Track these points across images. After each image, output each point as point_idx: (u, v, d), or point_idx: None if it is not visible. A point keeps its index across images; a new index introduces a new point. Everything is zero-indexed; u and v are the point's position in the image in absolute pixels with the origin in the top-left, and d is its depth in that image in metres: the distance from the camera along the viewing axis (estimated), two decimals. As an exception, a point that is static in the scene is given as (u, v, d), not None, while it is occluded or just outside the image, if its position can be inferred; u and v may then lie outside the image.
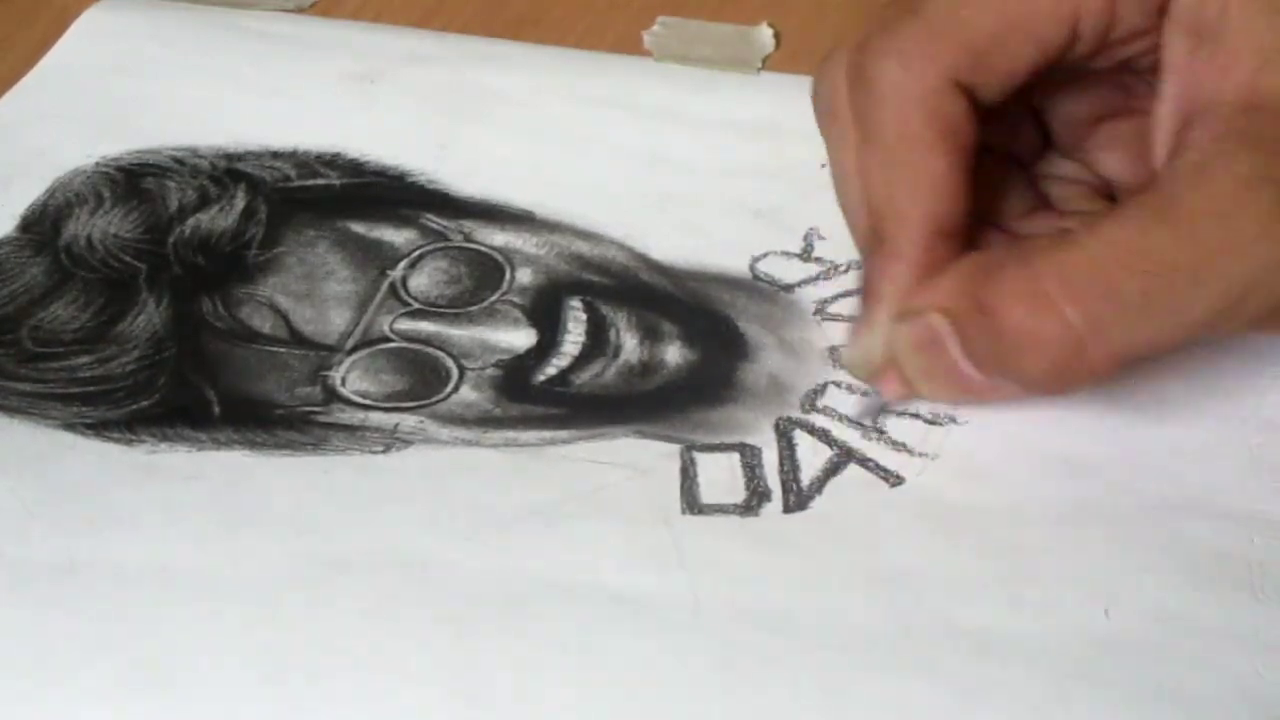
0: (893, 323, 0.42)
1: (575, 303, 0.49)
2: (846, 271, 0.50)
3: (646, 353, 0.47)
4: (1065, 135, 0.47)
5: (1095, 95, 0.46)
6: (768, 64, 0.59)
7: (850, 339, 0.45)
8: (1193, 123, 0.40)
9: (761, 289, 0.50)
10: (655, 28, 0.60)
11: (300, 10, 0.62)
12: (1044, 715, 0.38)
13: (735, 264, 0.51)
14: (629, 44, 0.60)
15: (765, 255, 0.51)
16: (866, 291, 0.44)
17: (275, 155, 0.55)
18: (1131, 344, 0.39)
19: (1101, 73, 0.45)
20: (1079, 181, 0.47)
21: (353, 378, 0.47)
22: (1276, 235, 0.38)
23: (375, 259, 0.51)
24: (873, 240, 0.44)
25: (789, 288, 0.50)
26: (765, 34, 0.60)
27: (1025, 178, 0.47)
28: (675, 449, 0.45)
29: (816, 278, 0.50)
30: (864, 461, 0.44)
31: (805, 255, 0.51)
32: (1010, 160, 0.47)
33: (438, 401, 0.46)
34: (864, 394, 0.45)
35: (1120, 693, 0.38)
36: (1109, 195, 0.47)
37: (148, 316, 0.49)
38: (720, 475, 0.44)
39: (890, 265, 0.43)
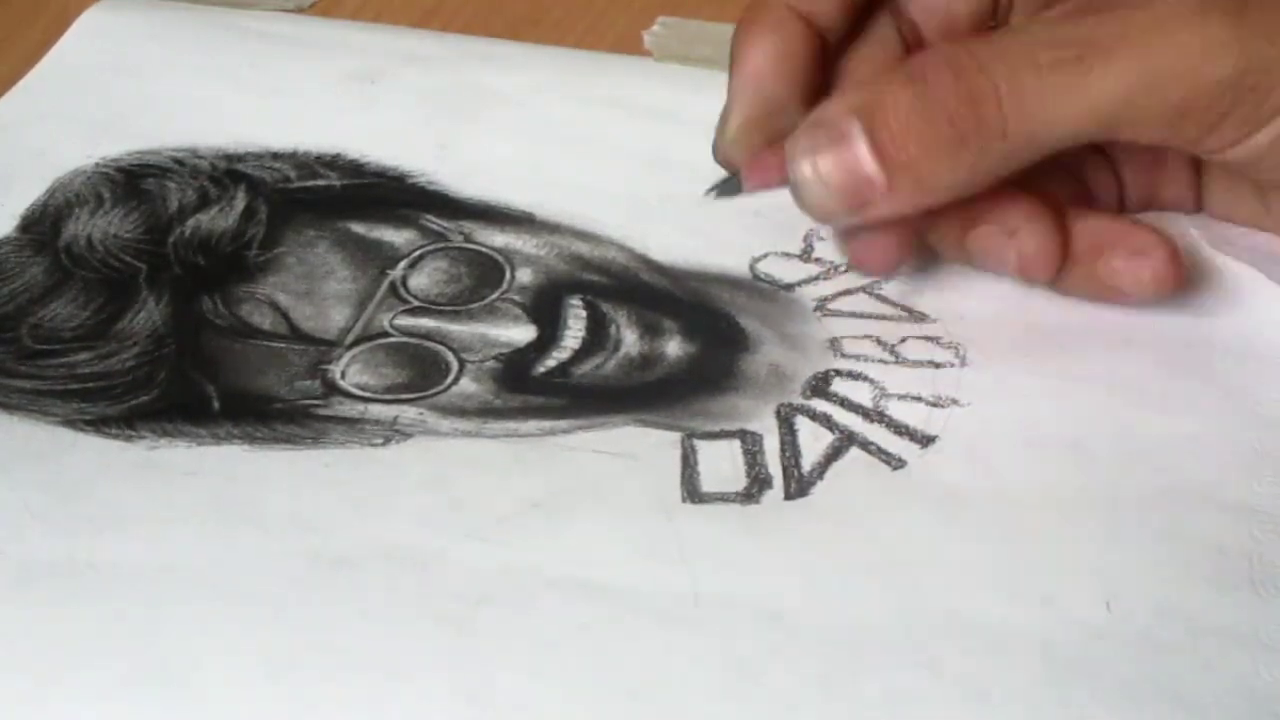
0: (756, 92, 0.46)
1: (575, 301, 0.49)
2: (846, 272, 0.50)
3: (647, 346, 0.48)
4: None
5: None
6: (767, 64, 0.59)
7: (720, 118, 0.47)
8: None
9: (762, 289, 0.50)
10: (655, 28, 0.61)
11: (300, 10, 0.62)
12: (1043, 706, 0.38)
13: (735, 264, 0.51)
14: (629, 44, 0.60)
15: (765, 255, 0.51)
16: (732, 66, 0.47)
17: (275, 156, 0.55)
18: (1044, 110, 0.41)
19: None
20: None
21: (352, 371, 0.47)
22: (1193, 19, 0.40)
23: (375, 259, 0.51)
24: (744, 18, 0.47)
25: (789, 287, 0.50)
26: (765, 34, 0.60)
27: None
28: (676, 437, 0.45)
29: (816, 278, 0.50)
30: (866, 445, 0.44)
31: (805, 255, 0.51)
32: None
33: (438, 393, 0.46)
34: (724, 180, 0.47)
35: (1119, 686, 0.38)
36: None
37: (148, 314, 0.49)
38: (721, 463, 0.44)
39: (758, 39, 0.46)
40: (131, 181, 0.54)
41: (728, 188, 0.47)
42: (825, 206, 0.44)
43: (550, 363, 0.47)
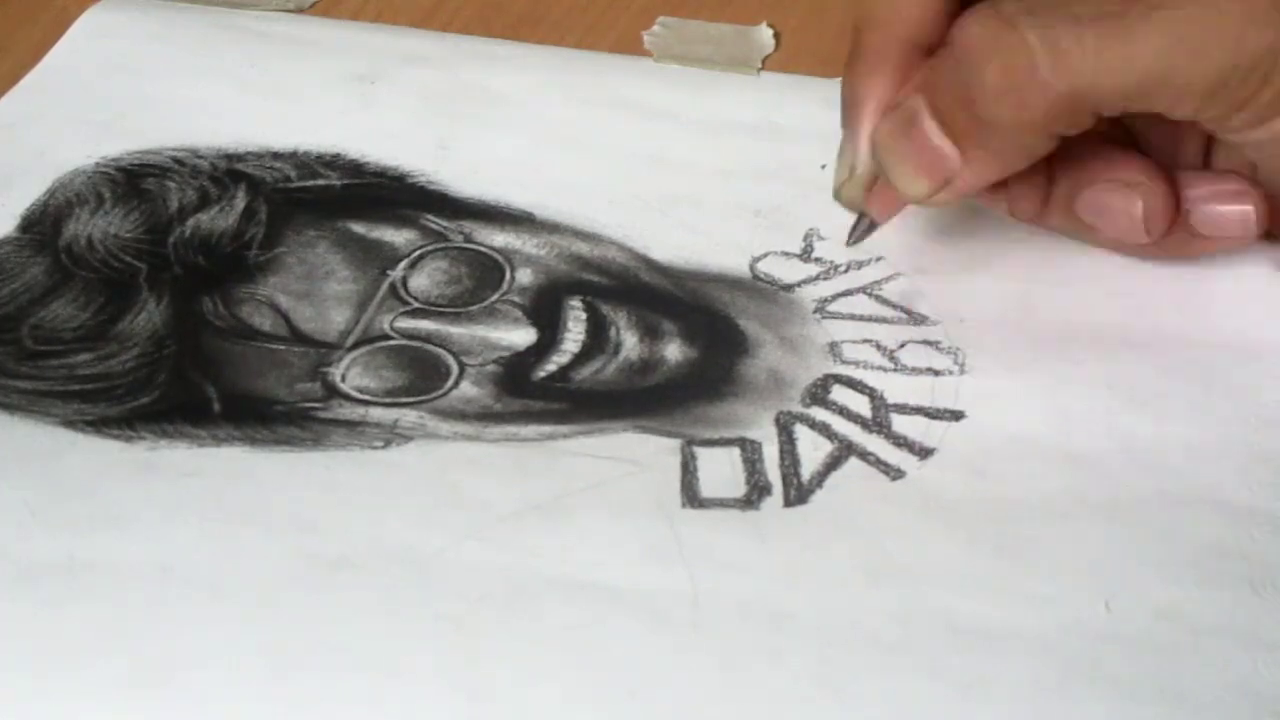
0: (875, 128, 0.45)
1: (575, 302, 0.49)
2: (846, 271, 0.50)
3: (646, 350, 0.48)
4: None
5: None
6: (768, 64, 0.59)
7: (837, 160, 0.47)
8: None
9: (761, 289, 0.50)
10: (655, 28, 0.61)
11: (300, 10, 0.62)
12: (1043, 709, 0.38)
13: (735, 264, 0.51)
14: (629, 44, 0.60)
15: (765, 255, 0.51)
16: (846, 107, 0.46)
17: (275, 156, 0.55)
18: (1084, 67, 0.40)
19: None
20: None
21: (353, 374, 0.47)
22: None
23: (375, 259, 0.51)
24: (852, 56, 0.46)
25: (789, 287, 0.50)
26: (765, 34, 0.60)
27: None
28: (675, 443, 0.45)
29: (816, 278, 0.50)
30: (864, 455, 0.44)
31: (805, 255, 0.51)
32: None
33: (438, 397, 0.46)
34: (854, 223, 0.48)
35: (1120, 687, 0.38)
36: None
37: (148, 315, 0.49)
38: (721, 469, 0.44)
39: (869, 75, 0.45)
40: (131, 181, 0.54)
41: (862, 228, 0.47)
42: (915, 188, 0.44)
43: (550, 367, 0.47)
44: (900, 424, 0.45)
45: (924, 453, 0.44)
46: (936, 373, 0.46)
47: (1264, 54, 0.40)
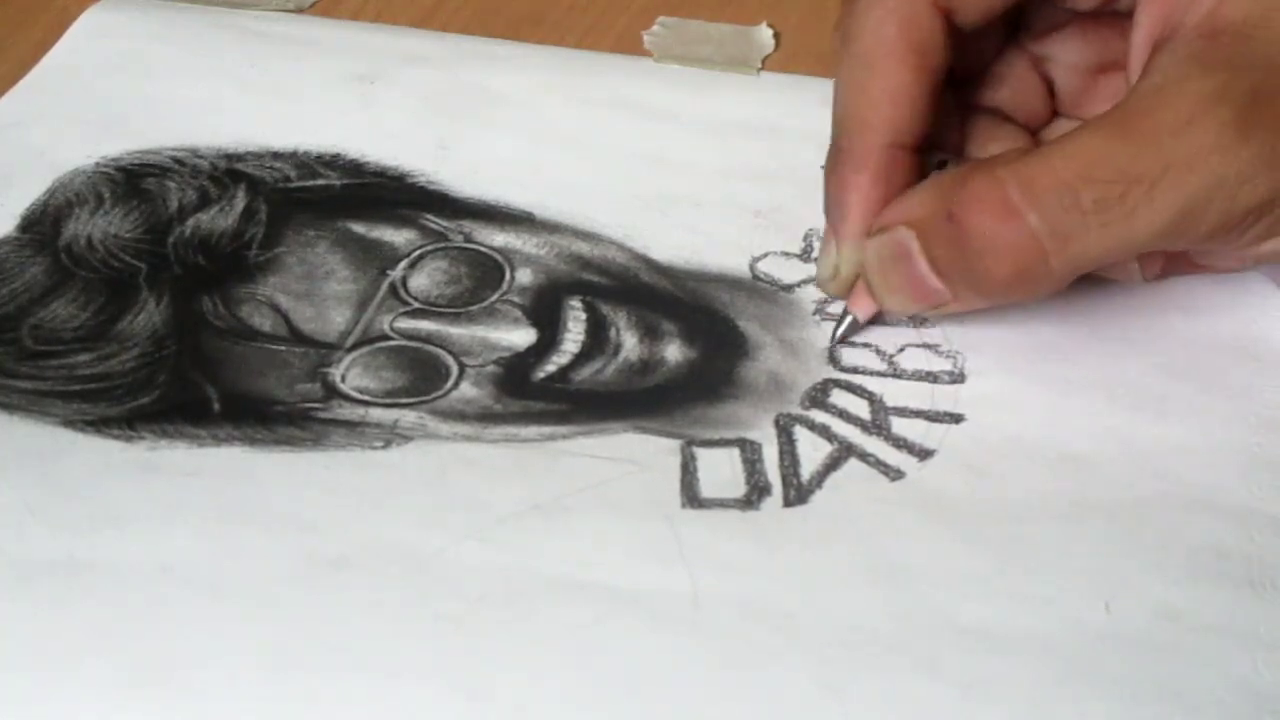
0: (860, 238, 0.45)
1: (575, 302, 0.49)
2: (845, 272, 0.50)
3: (646, 351, 0.48)
4: (1067, 88, 0.49)
5: (1093, 43, 0.48)
6: (767, 64, 0.59)
7: (820, 255, 0.47)
8: (1158, 49, 0.42)
9: (761, 289, 0.50)
10: (655, 28, 0.61)
11: (300, 10, 0.62)
12: (1044, 710, 0.38)
13: (735, 264, 0.51)
14: (629, 44, 0.60)
15: (765, 255, 0.51)
16: (830, 208, 0.46)
17: (275, 155, 0.55)
18: (1089, 251, 0.41)
19: (1096, 19, 0.47)
20: None
21: (353, 374, 0.47)
22: (1230, 151, 0.40)
23: (375, 259, 0.51)
24: (833, 155, 0.46)
25: (789, 288, 0.50)
26: (765, 34, 0.60)
27: (1029, 141, 0.49)
28: (675, 444, 0.45)
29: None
30: (864, 456, 0.44)
31: (805, 255, 0.51)
32: (1016, 125, 0.49)
33: (438, 398, 0.46)
34: (838, 320, 0.48)
35: (1120, 687, 0.38)
36: None
37: (148, 315, 0.49)
38: (720, 470, 0.44)
39: (852, 177, 0.45)
40: (131, 181, 0.54)
41: (847, 326, 0.48)
42: (902, 308, 0.46)
43: (550, 367, 0.47)
44: (900, 426, 0.45)
45: (923, 454, 0.44)
46: (935, 379, 0.46)
47: (1255, 209, 0.41)
